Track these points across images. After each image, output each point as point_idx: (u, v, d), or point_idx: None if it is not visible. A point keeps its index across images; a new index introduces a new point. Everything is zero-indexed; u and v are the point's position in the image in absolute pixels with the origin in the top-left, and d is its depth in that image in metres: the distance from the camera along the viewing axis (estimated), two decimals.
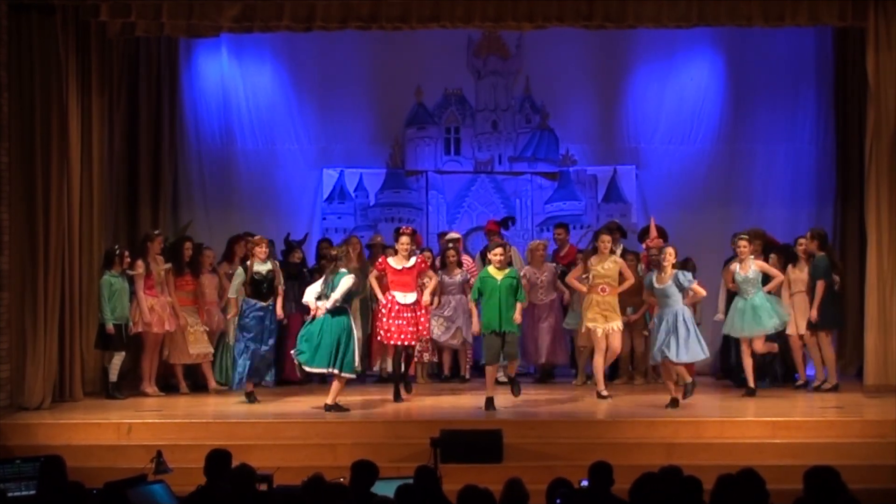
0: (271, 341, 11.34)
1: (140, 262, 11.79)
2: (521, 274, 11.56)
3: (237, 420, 10.53)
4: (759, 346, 11.36)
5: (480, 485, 6.15)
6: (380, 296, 11.34)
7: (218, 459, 6.92)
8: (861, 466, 8.95)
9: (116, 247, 11.85)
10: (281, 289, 11.44)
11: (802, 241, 11.79)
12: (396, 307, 11.19)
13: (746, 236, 11.44)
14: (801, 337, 11.71)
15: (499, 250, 10.87)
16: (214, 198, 13.95)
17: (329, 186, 14.01)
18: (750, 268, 11.29)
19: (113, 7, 11.26)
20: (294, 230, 13.41)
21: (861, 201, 12.12)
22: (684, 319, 10.64)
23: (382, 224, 13.81)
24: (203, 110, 13.97)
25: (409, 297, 11.26)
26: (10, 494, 7.67)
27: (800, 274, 11.73)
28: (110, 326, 11.50)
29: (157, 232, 12.31)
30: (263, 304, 11.27)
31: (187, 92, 13.90)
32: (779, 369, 12.22)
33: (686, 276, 10.73)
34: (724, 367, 12.52)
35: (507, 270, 10.84)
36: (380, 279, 11.47)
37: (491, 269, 10.84)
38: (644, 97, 14.00)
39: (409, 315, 11.23)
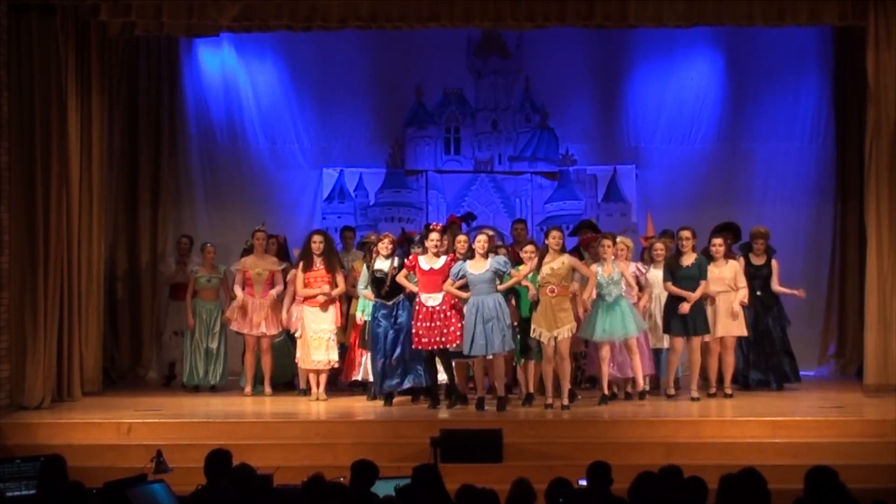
0: (390, 341, 10.90)
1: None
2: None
3: (237, 420, 10.54)
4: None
5: (480, 484, 6.15)
6: (412, 287, 10.82)
7: (218, 459, 6.91)
8: (861, 466, 8.97)
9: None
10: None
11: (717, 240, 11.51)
12: (424, 310, 10.71)
13: (611, 236, 11.14)
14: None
15: (530, 248, 10.98)
16: (215, 197, 13.96)
17: (329, 186, 14.01)
18: (614, 270, 10.90)
19: (113, 7, 11.26)
20: (294, 229, 13.42)
21: (861, 201, 12.12)
22: (499, 305, 10.51)
23: (382, 224, 13.80)
24: (203, 110, 13.96)
25: (435, 300, 10.71)
26: (9, 494, 7.67)
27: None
28: None
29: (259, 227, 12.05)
30: (387, 303, 10.97)
31: (188, 91, 13.89)
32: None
33: (499, 261, 10.60)
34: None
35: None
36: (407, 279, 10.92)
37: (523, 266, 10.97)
38: (644, 97, 14.00)
39: (438, 317, 10.68)
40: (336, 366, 11.55)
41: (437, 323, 10.67)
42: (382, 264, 11.01)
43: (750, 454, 9.17)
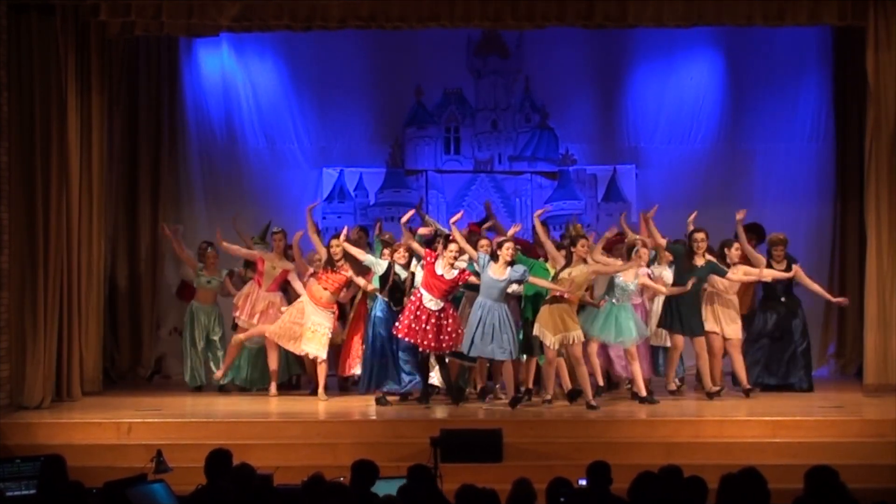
0: (389, 343, 10.95)
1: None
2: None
3: (237, 420, 10.54)
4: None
5: (480, 484, 6.15)
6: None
7: (218, 459, 6.91)
8: (861, 466, 8.98)
9: None
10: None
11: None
12: (422, 309, 10.70)
13: (643, 243, 11.12)
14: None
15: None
16: (215, 197, 13.94)
17: (329, 186, 14.01)
18: (635, 278, 10.91)
19: (113, 7, 11.26)
20: (294, 229, 13.37)
21: (861, 201, 12.13)
22: (506, 315, 10.58)
23: (382, 224, 13.78)
24: (203, 109, 13.96)
25: (437, 304, 10.71)
26: (9, 494, 7.67)
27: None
28: None
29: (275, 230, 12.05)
30: (394, 308, 11.00)
31: (188, 90, 13.89)
32: None
33: (517, 270, 10.62)
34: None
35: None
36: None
37: (549, 264, 10.99)
38: (644, 97, 14.00)
39: (435, 321, 10.69)
40: (322, 362, 11.47)
41: (436, 327, 10.68)
42: (401, 271, 11.07)
43: (750, 454, 9.17)
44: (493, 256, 10.75)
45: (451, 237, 10.94)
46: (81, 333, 11.60)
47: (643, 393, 10.98)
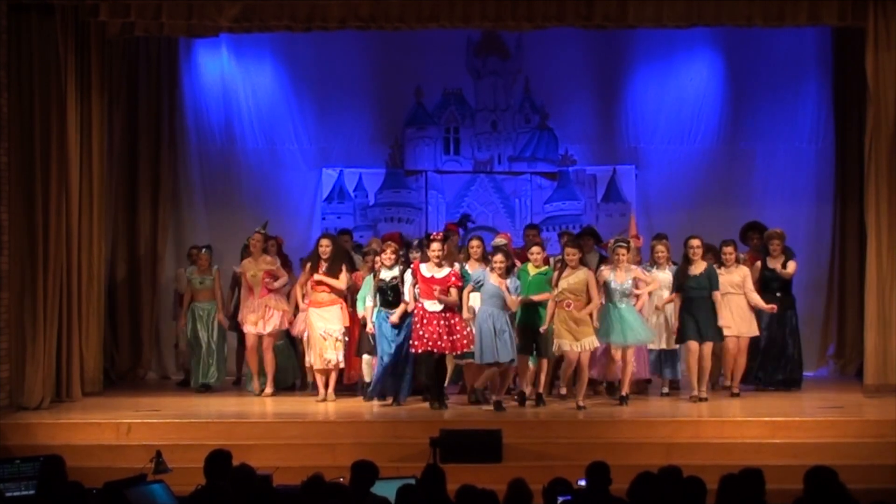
0: (394, 350, 10.88)
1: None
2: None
3: (237, 420, 10.55)
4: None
5: (479, 485, 6.16)
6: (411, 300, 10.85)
7: (218, 459, 6.91)
8: (861, 466, 8.97)
9: None
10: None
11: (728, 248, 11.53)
12: (427, 315, 10.72)
13: (625, 243, 11.10)
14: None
15: (536, 248, 11.08)
16: (214, 198, 13.95)
17: (328, 186, 14.01)
18: (627, 277, 10.93)
19: (112, 7, 11.27)
20: (294, 230, 13.43)
21: (861, 201, 12.13)
22: (507, 321, 10.61)
23: (382, 224, 13.82)
24: (203, 110, 13.97)
25: (437, 305, 10.72)
26: (9, 494, 7.67)
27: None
28: None
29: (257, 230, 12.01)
30: (389, 312, 10.98)
31: (187, 91, 13.90)
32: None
33: (514, 283, 10.66)
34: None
35: (543, 268, 10.91)
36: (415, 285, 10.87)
37: (529, 266, 11.00)
38: (644, 97, 14.00)
39: (442, 322, 10.69)
40: (342, 366, 11.49)
41: (443, 326, 10.66)
42: (386, 274, 11.02)
43: (750, 454, 9.18)
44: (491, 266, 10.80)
45: (432, 237, 11.00)
46: (81, 333, 11.60)
47: (625, 391, 11.02)
